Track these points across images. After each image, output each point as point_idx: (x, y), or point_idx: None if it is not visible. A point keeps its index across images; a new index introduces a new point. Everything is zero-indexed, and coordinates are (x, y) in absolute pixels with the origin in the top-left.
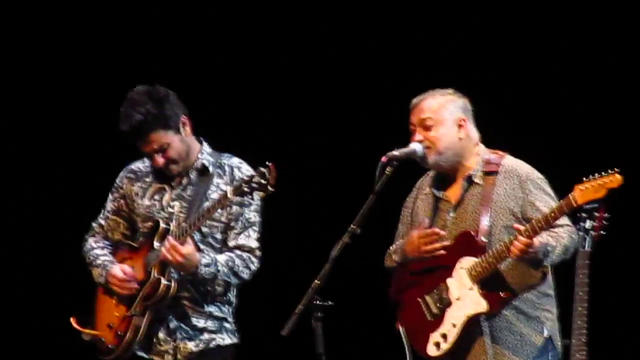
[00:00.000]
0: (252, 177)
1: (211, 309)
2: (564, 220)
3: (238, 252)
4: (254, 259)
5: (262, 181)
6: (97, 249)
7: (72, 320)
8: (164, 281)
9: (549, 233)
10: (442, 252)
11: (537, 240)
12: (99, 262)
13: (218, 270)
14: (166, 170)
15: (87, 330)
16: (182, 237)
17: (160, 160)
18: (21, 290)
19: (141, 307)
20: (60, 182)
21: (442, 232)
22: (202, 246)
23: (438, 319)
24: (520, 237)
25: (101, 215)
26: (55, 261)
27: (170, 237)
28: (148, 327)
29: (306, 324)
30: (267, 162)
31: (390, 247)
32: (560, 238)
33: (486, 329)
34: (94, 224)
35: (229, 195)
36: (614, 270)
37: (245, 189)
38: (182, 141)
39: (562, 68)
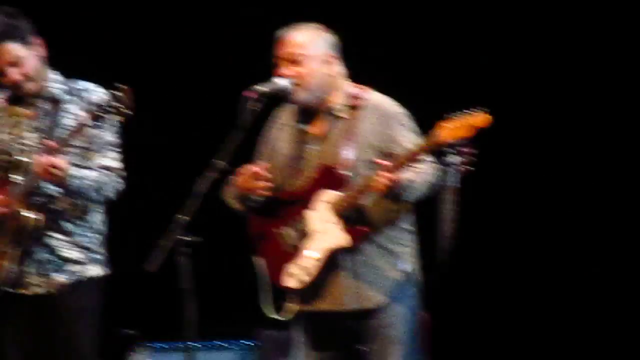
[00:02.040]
0: (107, 101)
1: (80, 238)
2: (429, 157)
3: (103, 171)
4: (117, 179)
5: (117, 104)
6: None
7: None
8: (30, 214)
9: (413, 169)
10: (265, 187)
11: (400, 176)
12: None
13: (85, 184)
14: (19, 89)
15: None
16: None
17: (15, 75)
18: None
19: (8, 242)
20: None
21: (265, 174)
22: None
23: (297, 251)
24: (384, 172)
25: None
26: None
27: (43, 154)
28: (16, 262)
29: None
30: (121, 85)
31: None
32: (423, 174)
33: (345, 263)
34: None
35: (85, 121)
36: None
37: (101, 114)
38: (37, 59)
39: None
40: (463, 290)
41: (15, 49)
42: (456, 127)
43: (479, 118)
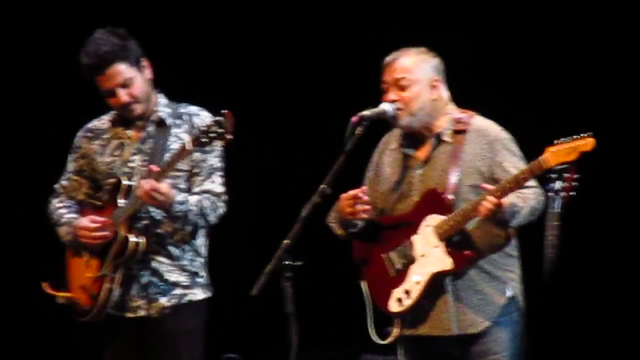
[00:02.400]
0: (209, 126)
1: (184, 262)
2: (532, 182)
3: (206, 195)
4: (220, 203)
5: (220, 130)
6: (61, 208)
7: (44, 285)
8: (133, 238)
9: (517, 194)
10: (364, 210)
11: (505, 201)
12: (64, 220)
13: (189, 209)
14: (128, 111)
15: (60, 294)
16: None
17: (124, 96)
18: None
19: (112, 266)
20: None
21: (365, 197)
22: None
23: (401, 276)
24: (489, 197)
25: (63, 177)
26: (23, 227)
27: (147, 179)
28: (120, 285)
29: (276, 284)
30: (223, 110)
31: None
32: (527, 199)
33: (449, 288)
34: (56, 186)
35: (187, 146)
36: (584, 232)
37: (204, 139)
38: (145, 82)
39: (535, 27)
40: (567, 314)
41: (125, 70)
42: (562, 151)
43: (584, 142)
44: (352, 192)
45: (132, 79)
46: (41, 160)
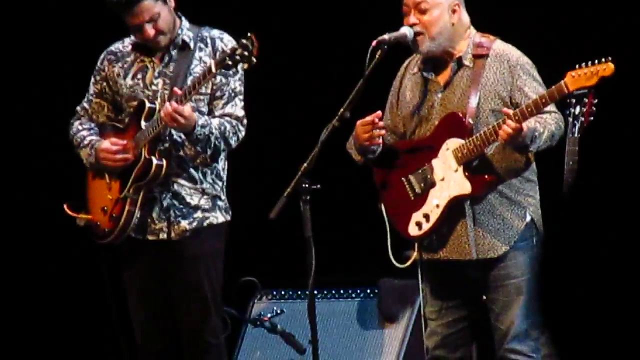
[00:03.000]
0: (234, 49)
1: (205, 185)
2: (551, 107)
3: (227, 118)
4: (241, 127)
5: (245, 53)
6: (83, 130)
7: (65, 206)
8: (155, 161)
9: (537, 119)
10: (380, 134)
11: (525, 126)
12: (86, 142)
13: (212, 132)
14: (154, 42)
15: (81, 215)
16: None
17: (150, 31)
18: (11, 180)
19: (134, 188)
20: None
21: (380, 122)
22: None
23: (421, 199)
24: (510, 122)
25: (85, 99)
26: (41, 148)
27: (170, 102)
28: (142, 208)
29: (295, 207)
30: (248, 33)
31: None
32: (547, 124)
33: (469, 212)
34: (78, 108)
35: (213, 69)
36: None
37: (229, 62)
38: (170, 12)
39: None
40: (581, 240)
41: (152, 5)
42: (582, 76)
43: (604, 67)
44: (368, 118)
45: (158, 13)
46: (63, 81)
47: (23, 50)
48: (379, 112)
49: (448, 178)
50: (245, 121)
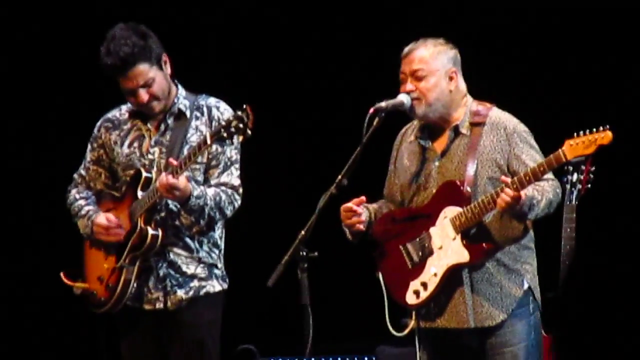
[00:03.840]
0: (230, 121)
1: (201, 254)
2: (549, 174)
3: (223, 187)
4: (237, 196)
5: (240, 125)
6: (80, 199)
7: (61, 275)
8: (151, 231)
9: (534, 187)
10: (360, 222)
11: (523, 194)
12: (83, 212)
13: (207, 203)
14: (148, 108)
15: (77, 284)
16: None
17: (144, 96)
18: (9, 247)
19: (130, 258)
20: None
21: (359, 210)
22: None
23: (419, 268)
24: (508, 190)
25: (82, 166)
26: (39, 216)
27: (167, 173)
28: (138, 277)
29: (292, 275)
30: (244, 105)
31: None
32: (545, 192)
33: (466, 280)
34: (75, 176)
35: (208, 141)
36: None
37: (224, 134)
38: (164, 78)
39: (554, 22)
40: (584, 306)
41: (147, 70)
42: (580, 144)
43: (602, 135)
44: (349, 204)
45: (153, 78)
46: (59, 151)
47: (20, 118)
48: (363, 198)
49: (446, 246)
50: (241, 190)
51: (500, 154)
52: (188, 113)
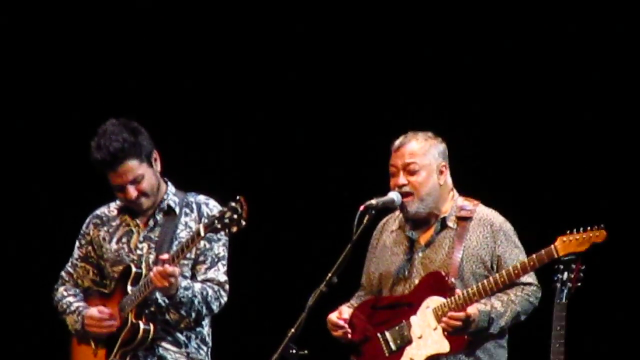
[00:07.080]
0: (223, 212)
1: (190, 350)
2: (530, 277)
3: (209, 284)
4: (222, 292)
5: (234, 216)
6: (69, 296)
7: None
8: (143, 325)
9: (499, 297)
10: (346, 333)
11: (473, 310)
12: (72, 308)
13: (195, 295)
14: (136, 204)
15: None
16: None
17: (133, 192)
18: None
19: (120, 353)
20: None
21: (342, 323)
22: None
23: (395, 356)
24: (452, 313)
25: (69, 264)
26: (25, 313)
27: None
28: None
29: None
30: (237, 196)
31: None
32: (510, 304)
33: None
34: (62, 273)
35: (201, 232)
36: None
37: (218, 226)
38: (154, 175)
39: (541, 116)
40: None
41: (136, 167)
42: (574, 241)
43: (597, 234)
44: (335, 320)
45: (142, 175)
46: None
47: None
48: (345, 315)
49: (426, 336)
50: (227, 287)
51: (485, 250)
52: (177, 209)
